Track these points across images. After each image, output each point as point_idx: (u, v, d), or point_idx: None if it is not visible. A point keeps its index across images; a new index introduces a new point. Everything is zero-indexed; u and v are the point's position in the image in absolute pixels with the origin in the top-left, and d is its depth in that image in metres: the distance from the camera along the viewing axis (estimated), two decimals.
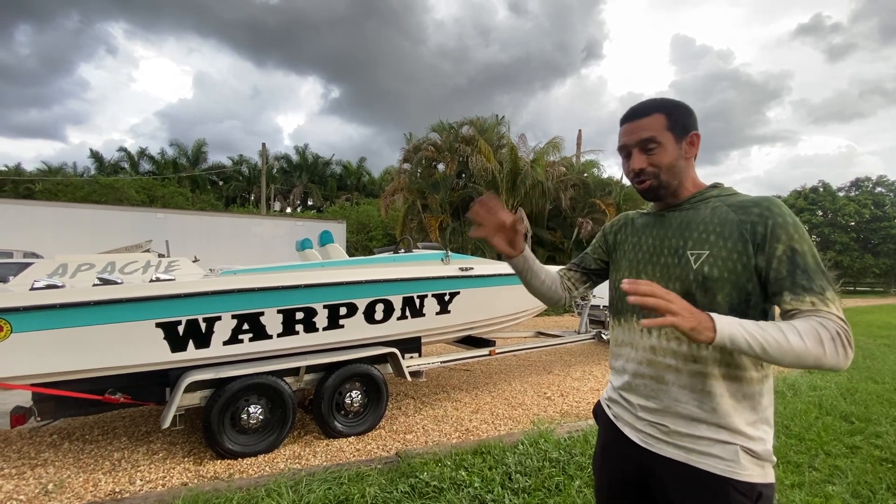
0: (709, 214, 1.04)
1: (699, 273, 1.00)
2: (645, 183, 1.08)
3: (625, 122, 1.10)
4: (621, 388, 1.14)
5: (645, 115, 1.07)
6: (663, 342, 1.04)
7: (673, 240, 1.08)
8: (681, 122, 1.06)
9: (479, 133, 13.52)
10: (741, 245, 0.97)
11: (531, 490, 2.49)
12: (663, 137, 1.05)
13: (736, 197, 1.05)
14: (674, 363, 1.02)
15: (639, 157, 1.07)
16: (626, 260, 1.18)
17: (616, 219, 1.32)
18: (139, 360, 2.91)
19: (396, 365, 3.83)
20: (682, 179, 1.09)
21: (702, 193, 1.09)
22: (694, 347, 1.00)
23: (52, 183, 21.23)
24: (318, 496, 2.36)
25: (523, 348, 5.26)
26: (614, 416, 1.16)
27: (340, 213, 22.16)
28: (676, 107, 1.07)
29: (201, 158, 28.89)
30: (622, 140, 1.11)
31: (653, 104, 1.08)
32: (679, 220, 1.09)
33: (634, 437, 1.08)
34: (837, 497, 2.51)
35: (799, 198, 33.18)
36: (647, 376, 1.06)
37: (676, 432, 1.00)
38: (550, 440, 3.15)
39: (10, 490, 2.60)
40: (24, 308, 2.57)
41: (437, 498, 2.39)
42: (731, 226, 0.99)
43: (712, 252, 0.99)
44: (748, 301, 0.97)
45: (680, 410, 1.01)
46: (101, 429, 3.63)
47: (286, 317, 3.31)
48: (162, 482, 2.74)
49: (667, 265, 1.07)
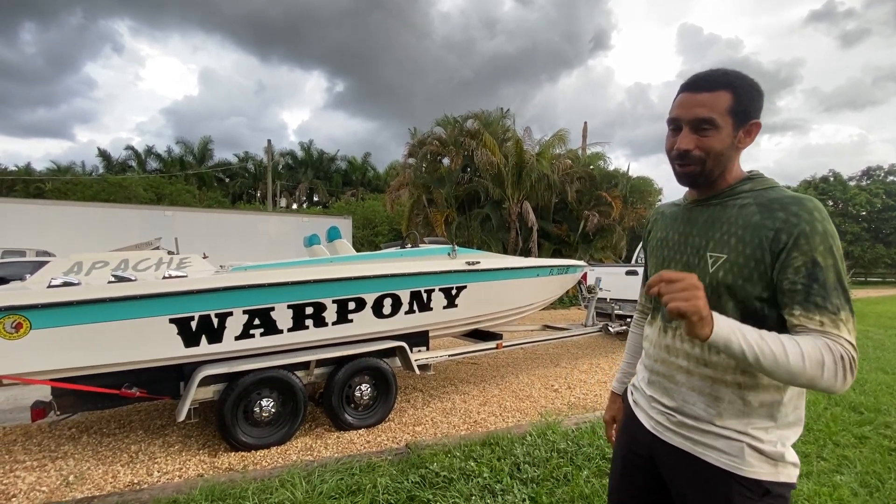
0: (735, 214, 0.98)
1: (714, 278, 0.96)
2: (688, 167, 0.99)
3: (684, 91, 0.99)
4: (642, 380, 1.17)
5: (710, 88, 0.95)
6: (677, 343, 1.04)
7: (697, 238, 1.03)
8: (746, 106, 0.95)
9: (483, 127, 13.45)
10: (759, 253, 0.91)
11: (539, 480, 2.53)
12: (722, 121, 0.94)
13: (770, 193, 0.96)
14: (685, 365, 1.02)
15: (688, 137, 0.97)
16: (654, 257, 1.17)
17: (650, 215, 1.28)
18: (154, 356, 2.97)
19: (405, 358, 3.88)
20: (724, 170, 1.00)
21: (734, 188, 1.01)
22: (706, 351, 0.98)
23: (61, 182, 21.46)
24: (331, 486, 2.41)
25: (530, 341, 5.28)
26: (634, 401, 1.20)
27: (346, 209, 22.23)
28: (747, 87, 0.96)
29: (207, 156, 29.05)
30: (675, 111, 1.00)
31: (723, 77, 0.96)
32: (706, 216, 1.03)
33: (646, 422, 1.11)
34: (846, 486, 2.53)
35: (809, 188, 32.75)
36: (661, 374, 1.08)
37: (684, 424, 1.02)
38: (558, 431, 3.18)
39: (32, 482, 2.68)
40: (42, 305, 2.63)
41: (446, 488, 2.43)
42: (754, 230, 0.93)
43: (730, 257, 0.95)
44: (762, 315, 0.93)
45: (688, 410, 1.01)
46: (117, 422, 3.72)
47: (296, 312, 3.35)
48: (179, 473, 2.81)
49: (688, 264, 1.04)
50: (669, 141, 1.02)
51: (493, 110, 14.54)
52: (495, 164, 12.69)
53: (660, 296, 0.83)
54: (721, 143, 0.96)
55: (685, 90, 0.99)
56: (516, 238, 13.15)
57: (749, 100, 0.96)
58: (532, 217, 12.51)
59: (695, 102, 0.96)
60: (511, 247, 13.08)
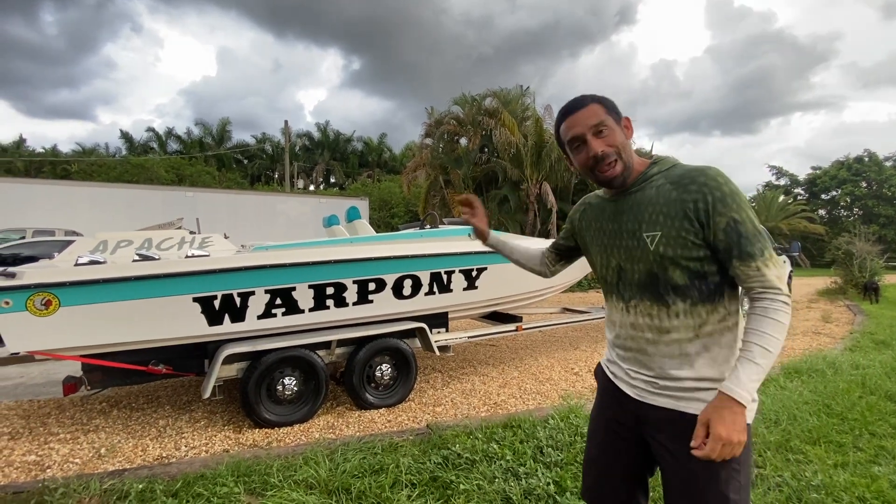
0: (654, 195, 1.10)
1: (657, 254, 1.09)
2: (611, 168, 1.12)
3: (568, 116, 1.16)
4: (617, 356, 1.25)
5: (584, 105, 1.14)
6: (639, 319, 1.15)
7: (629, 223, 1.15)
8: (613, 108, 1.15)
9: (502, 105, 13.16)
10: (687, 223, 1.05)
11: (563, 464, 2.49)
12: (609, 121, 1.13)
13: (675, 170, 1.11)
14: (651, 336, 1.13)
15: (596, 142, 1.12)
16: (596, 245, 1.27)
17: (578, 203, 1.40)
18: (178, 334, 3.01)
19: (425, 340, 3.86)
20: (632, 160, 1.15)
21: (645, 174, 1.15)
22: (665, 320, 1.10)
23: (86, 163, 21.96)
24: (354, 465, 2.42)
25: (550, 324, 5.22)
26: (612, 374, 1.26)
27: (362, 191, 22.24)
28: (604, 98, 1.17)
29: (226, 137, 29.32)
30: (572, 132, 1.15)
31: (585, 98, 1.16)
32: (631, 202, 1.15)
33: (630, 391, 1.18)
34: (885, 478, 2.42)
35: (842, 168, 31.46)
36: (633, 349, 1.17)
37: (668, 387, 1.11)
38: (581, 415, 3.13)
39: (66, 454, 2.77)
40: (70, 283, 2.67)
41: (469, 469, 2.42)
42: (676, 205, 1.06)
43: (664, 232, 1.07)
44: (703, 272, 1.07)
45: (667, 374, 1.11)
46: (146, 397, 3.82)
47: (317, 292, 3.35)
48: (205, 448, 2.86)
49: (629, 248, 1.15)
50: (580, 157, 1.16)
51: (513, 88, 14.22)
52: (514, 144, 12.45)
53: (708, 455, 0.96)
54: (620, 136, 1.13)
55: (567, 115, 1.16)
56: (534, 220, 12.97)
57: (611, 104, 1.16)
58: (552, 198, 12.28)
59: (582, 117, 1.13)
60: (529, 229, 12.92)
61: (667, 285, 1.08)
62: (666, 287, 1.08)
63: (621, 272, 1.18)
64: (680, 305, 1.08)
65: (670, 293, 1.08)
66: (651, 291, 1.11)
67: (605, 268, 1.24)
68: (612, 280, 1.21)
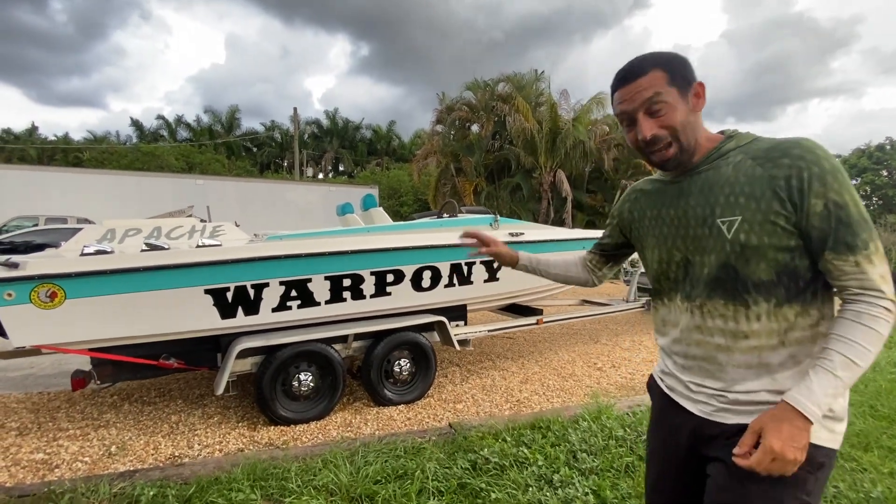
0: (732, 172, 0.92)
1: (735, 243, 0.90)
2: (666, 151, 0.95)
3: (619, 88, 0.97)
4: (674, 366, 1.07)
5: (641, 74, 0.93)
6: (709, 321, 0.96)
7: (698, 208, 0.96)
8: (681, 73, 0.93)
9: (516, 90, 12.80)
10: (777, 204, 0.87)
11: (599, 471, 2.33)
12: (668, 94, 0.92)
13: (758, 144, 0.93)
14: (723, 342, 0.94)
15: (647, 122, 0.94)
16: (652, 236, 1.08)
17: (626, 193, 1.22)
18: (190, 327, 2.87)
19: (444, 333, 3.70)
20: (697, 136, 0.97)
21: (719, 149, 0.97)
22: (743, 323, 0.91)
23: (98, 151, 21.99)
24: (376, 469, 2.28)
25: (571, 317, 5.02)
26: (668, 388, 1.09)
27: (371, 179, 22.06)
28: (671, 58, 0.94)
29: (235, 125, 29.20)
30: (620, 107, 0.97)
31: (646, 60, 0.94)
32: (700, 183, 0.97)
33: (692, 407, 1.01)
34: None
35: (862, 156, 30.52)
36: (698, 357, 0.99)
37: (738, 401, 0.94)
38: (612, 416, 2.96)
39: (75, 451, 2.66)
40: (76, 274, 2.53)
41: (499, 475, 2.26)
42: (762, 183, 0.88)
43: (745, 217, 0.89)
44: (793, 266, 0.88)
45: (738, 388, 0.93)
46: (157, 391, 3.71)
47: (333, 283, 3.19)
48: (219, 447, 2.74)
49: (697, 237, 0.97)
50: (629, 136, 1.00)
51: (527, 73, 13.87)
52: (528, 131, 12.13)
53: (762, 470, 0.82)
54: (679, 114, 0.93)
55: (619, 86, 0.97)
56: (548, 208, 12.70)
57: (680, 67, 0.94)
58: (566, 186, 12.00)
59: (635, 89, 0.94)
60: (542, 217, 12.66)
61: (746, 281, 0.90)
62: (745, 283, 0.90)
63: (688, 266, 0.99)
64: (763, 306, 0.90)
65: (750, 291, 0.90)
66: (724, 288, 0.93)
67: (667, 262, 1.04)
68: (677, 276, 1.02)
